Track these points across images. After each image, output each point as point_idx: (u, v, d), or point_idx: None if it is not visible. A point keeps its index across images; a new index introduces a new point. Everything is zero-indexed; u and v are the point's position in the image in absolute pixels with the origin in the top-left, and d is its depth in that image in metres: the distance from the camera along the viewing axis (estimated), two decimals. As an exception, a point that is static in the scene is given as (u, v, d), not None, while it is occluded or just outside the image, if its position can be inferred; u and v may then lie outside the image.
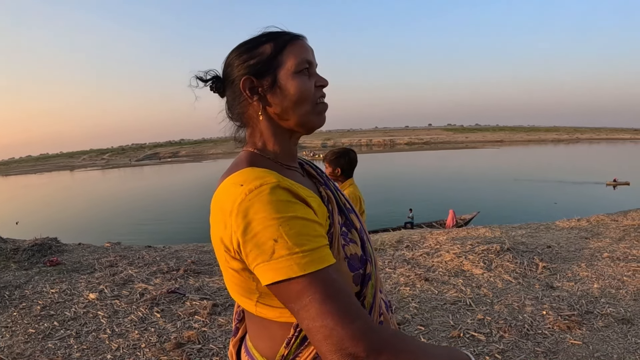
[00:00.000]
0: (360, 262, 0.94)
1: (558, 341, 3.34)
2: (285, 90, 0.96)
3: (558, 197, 26.18)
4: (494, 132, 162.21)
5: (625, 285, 4.45)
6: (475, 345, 3.33)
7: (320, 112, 1.01)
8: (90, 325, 3.94)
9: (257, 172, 0.86)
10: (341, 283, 0.80)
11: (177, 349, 3.42)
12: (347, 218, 1.01)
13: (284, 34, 0.99)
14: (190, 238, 11.91)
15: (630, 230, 6.99)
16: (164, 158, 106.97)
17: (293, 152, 1.05)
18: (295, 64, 0.96)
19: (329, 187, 1.05)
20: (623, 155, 74.46)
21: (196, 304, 4.37)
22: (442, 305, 4.14)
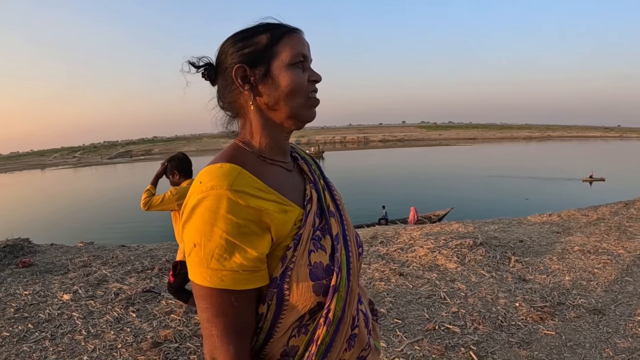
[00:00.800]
0: (325, 272, 0.93)
1: (531, 332, 3.42)
2: (277, 81, 0.96)
3: (530, 193, 26.76)
4: (467, 130, 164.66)
5: (596, 277, 4.58)
6: (451, 337, 3.38)
7: (311, 106, 1.01)
8: (65, 327, 3.87)
9: (220, 171, 0.87)
10: (238, 308, 0.87)
11: (154, 348, 3.39)
12: (326, 222, 1.01)
13: (282, 25, 1.00)
14: (164, 237, 11.77)
15: (601, 224, 7.19)
16: (136, 156, 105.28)
17: (282, 146, 1.04)
18: (290, 56, 0.96)
19: (316, 187, 1.06)
20: (594, 152, 76.47)
21: (172, 302, 4.34)
22: (417, 299, 4.18)
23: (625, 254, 5.36)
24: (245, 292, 0.87)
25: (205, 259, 0.83)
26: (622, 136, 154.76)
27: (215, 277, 0.84)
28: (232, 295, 0.86)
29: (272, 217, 0.88)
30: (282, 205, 0.92)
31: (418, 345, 3.27)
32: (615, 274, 4.65)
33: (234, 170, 0.88)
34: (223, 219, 0.82)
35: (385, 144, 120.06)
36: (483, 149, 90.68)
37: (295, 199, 0.98)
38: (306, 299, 0.91)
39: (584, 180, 32.28)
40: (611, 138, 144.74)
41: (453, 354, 3.13)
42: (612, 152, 77.53)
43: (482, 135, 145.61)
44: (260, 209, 0.86)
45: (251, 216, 0.85)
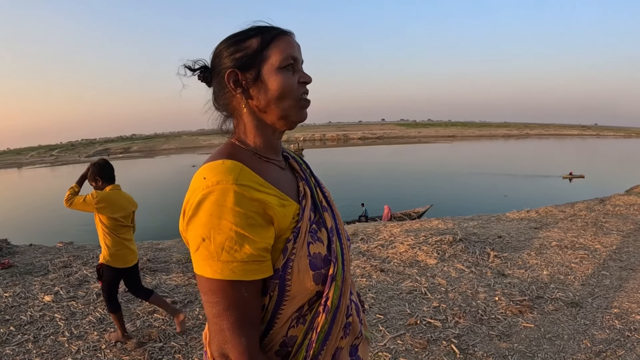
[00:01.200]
0: (324, 262, 0.98)
1: (511, 325, 3.50)
2: (267, 84, 0.98)
3: (509, 190, 27.11)
4: (446, 128, 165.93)
5: (573, 272, 4.69)
6: (432, 331, 3.43)
7: (301, 107, 1.04)
8: (47, 329, 3.81)
9: (222, 167, 0.90)
10: (248, 299, 0.90)
11: (139, 348, 3.37)
12: (320, 216, 1.06)
13: (272, 29, 1.02)
14: (143, 236, 11.66)
15: (577, 220, 7.36)
16: (114, 154, 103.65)
17: (275, 146, 1.08)
18: (279, 59, 0.98)
19: (309, 183, 1.10)
20: (572, 150, 77.80)
21: None
22: (398, 295, 4.24)
23: (602, 249, 5.50)
24: (254, 283, 0.90)
25: (216, 252, 0.86)
26: (599, 134, 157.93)
27: (226, 269, 0.86)
28: (243, 286, 0.88)
29: (275, 210, 0.91)
30: (281, 200, 0.95)
31: (401, 339, 3.32)
32: (592, 268, 4.78)
33: (237, 166, 0.91)
34: (231, 212, 0.85)
35: (364, 141, 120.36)
36: (462, 146, 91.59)
37: (291, 194, 1.01)
38: (307, 288, 0.95)
39: (563, 178, 32.87)
40: (588, 136, 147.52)
41: (435, 347, 3.18)
42: (589, 149, 79.03)
43: (461, 133, 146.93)
44: (264, 202, 0.89)
45: (256, 208, 0.88)
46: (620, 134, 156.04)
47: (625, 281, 4.39)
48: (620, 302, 3.89)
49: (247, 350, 0.89)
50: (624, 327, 3.41)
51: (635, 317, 3.59)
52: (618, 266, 4.84)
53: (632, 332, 3.33)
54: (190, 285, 4.75)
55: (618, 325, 3.45)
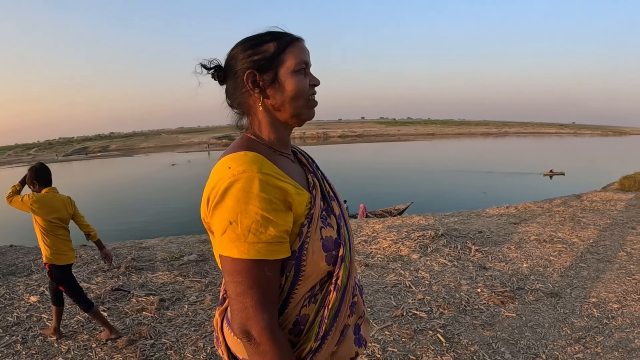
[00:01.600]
0: (334, 245, 1.09)
1: (494, 314, 3.63)
2: (283, 86, 1.08)
3: (489, 187, 27.47)
4: (426, 126, 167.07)
5: (552, 264, 4.85)
6: (418, 322, 3.54)
7: (311, 106, 1.15)
8: (35, 329, 3.79)
9: (246, 158, 0.99)
10: (270, 278, 0.98)
11: (130, 345, 3.39)
12: (328, 204, 1.16)
13: (286, 35, 1.12)
14: (125, 235, 11.61)
15: (555, 215, 7.56)
16: (92, 152, 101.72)
17: (286, 141, 1.18)
18: (294, 63, 1.08)
19: (316, 176, 1.20)
20: (551, 147, 79.06)
21: (142, 300, 4.32)
22: (383, 288, 4.34)
23: (579, 242, 5.69)
24: (276, 263, 0.99)
25: (243, 234, 0.94)
26: (577, 132, 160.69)
27: (252, 249, 0.95)
28: (266, 266, 0.97)
29: (293, 197, 1.00)
30: (297, 189, 1.04)
31: (388, 330, 3.42)
32: (570, 261, 4.95)
33: (259, 157, 1.00)
34: (257, 198, 0.94)
35: (344, 139, 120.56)
36: (442, 144, 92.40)
37: (302, 185, 1.10)
38: (320, 268, 1.06)
39: (544, 175, 33.45)
40: (566, 134, 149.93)
41: (422, 337, 3.29)
42: (568, 147, 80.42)
43: (440, 131, 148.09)
44: (285, 190, 0.98)
45: (278, 195, 0.97)
46: (597, 132, 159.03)
47: (602, 272, 4.56)
48: (597, 292, 4.05)
49: (269, 326, 0.97)
50: (602, 315, 3.57)
51: (612, 305, 3.75)
52: (595, 258, 5.02)
53: (610, 319, 3.48)
54: (177, 283, 4.78)
55: (596, 313, 3.61)
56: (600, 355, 2.97)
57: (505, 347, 3.10)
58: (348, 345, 1.17)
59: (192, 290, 4.54)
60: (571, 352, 3.02)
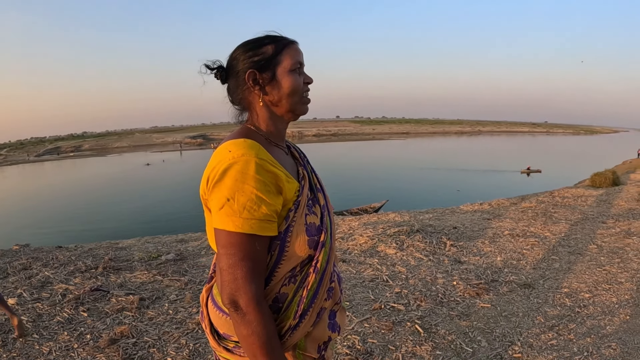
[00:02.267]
0: (317, 231, 1.21)
1: (469, 305, 3.73)
2: (281, 83, 1.22)
3: (464, 184, 27.92)
4: (400, 124, 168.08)
5: (525, 257, 5.00)
6: (396, 314, 3.62)
7: (305, 102, 1.28)
8: (15, 332, 3.72)
9: (245, 144, 1.11)
10: (259, 253, 1.10)
11: (112, 345, 3.37)
12: (315, 195, 1.28)
13: (283, 38, 1.25)
14: (100, 236, 11.48)
15: (528, 211, 7.76)
16: (65, 152, 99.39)
17: (282, 134, 1.31)
18: (290, 63, 1.22)
19: (306, 169, 1.32)
20: (526, 146, 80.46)
21: (122, 299, 4.29)
22: (361, 283, 4.41)
23: (551, 236, 5.86)
24: (265, 239, 1.12)
25: (239, 210, 1.06)
26: (549, 131, 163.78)
27: (246, 224, 1.07)
28: (257, 241, 1.09)
29: (284, 183, 1.12)
30: (287, 176, 1.16)
31: (367, 323, 3.49)
32: (543, 254, 5.10)
33: (256, 144, 1.12)
34: (253, 179, 1.06)
35: (319, 138, 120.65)
36: (416, 143, 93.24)
37: (293, 175, 1.22)
38: (301, 251, 1.18)
39: (522, 172, 34.11)
40: (538, 133, 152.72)
41: (400, 328, 3.37)
42: (543, 146, 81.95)
43: (415, 130, 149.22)
44: (277, 175, 1.11)
45: (271, 178, 1.10)
46: (570, 131, 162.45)
47: (573, 264, 4.72)
48: (569, 283, 4.20)
49: (256, 297, 1.08)
50: (574, 304, 3.70)
51: (584, 295, 3.90)
52: (567, 251, 5.19)
53: (582, 308, 3.62)
54: (156, 282, 4.77)
55: (568, 302, 3.74)
56: (573, 342, 3.09)
57: (481, 335, 3.20)
58: (322, 328, 1.28)
59: (172, 288, 4.54)
60: (545, 339, 3.14)
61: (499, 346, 3.05)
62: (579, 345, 3.04)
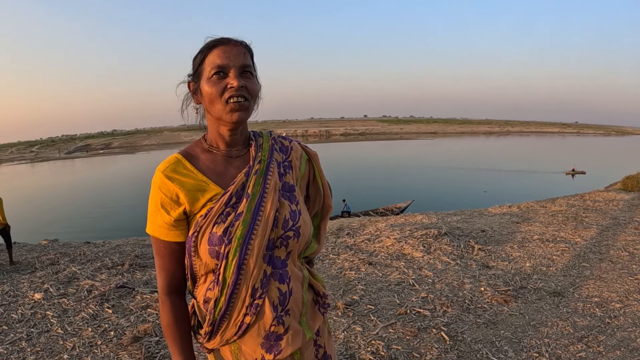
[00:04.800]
0: (219, 241, 1.15)
1: (497, 313, 3.66)
2: (202, 92, 1.20)
3: (498, 184, 27.47)
4: (428, 124, 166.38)
5: (554, 264, 4.88)
6: (422, 320, 3.58)
7: (231, 110, 1.17)
8: (40, 326, 3.82)
9: (167, 159, 1.22)
10: (164, 252, 1.21)
11: (135, 342, 3.41)
12: (238, 201, 1.19)
13: (207, 45, 1.20)
14: (129, 233, 11.63)
15: (558, 215, 7.60)
16: (93, 150, 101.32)
17: (226, 139, 1.26)
18: (208, 70, 1.17)
19: (248, 172, 1.24)
20: (564, 147, 78.81)
21: (147, 297, 4.36)
22: (387, 287, 4.38)
23: (582, 242, 5.72)
24: (167, 243, 1.20)
25: (148, 214, 1.21)
26: (579, 132, 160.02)
27: (149, 228, 1.21)
28: (160, 243, 1.20)
29: (186, 194, 1.17)
30: (202, 183, 1.20)
31: (392, 328, 3.46)
32: (573, 260, 4.98)
33: (174, 159, 1.22)
34: (155, 191, 1.19)
35: (347, 137, 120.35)
36: (445, 142, 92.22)
37: (222, 181, 1.22)
38: (205, 258, 1.17)
39: (567, 174, 33.47)
40: (568, 134, 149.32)
41: (425, 335, 3.32)
42: (579, 147, 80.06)
43: (442, 130, 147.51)
44: (176, 190, 1.17)
45: (169, 193, 1.17)
46: (600, 132, 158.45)
47: (604, 272, 4.59)
48: (600, 292, 4.08)
49: (161, 287, 1.24)
50: (604, 315, 3.59)
51: (614, 305, 3.78)
52: (597, 258, 5.05)
53: (612, 319, 3.51)
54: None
55: (598, 313, 3.64)
56: (603, 354, 3.00)
57: (508, 345, 3.13)
58: (252, 345, 1.21)
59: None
60: (574, 350, 3.05)
61: (526, 357, 2.98)
62: (608, 358, 2.95)
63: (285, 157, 1.34)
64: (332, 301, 4.04)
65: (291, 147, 1.37)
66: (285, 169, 1.32)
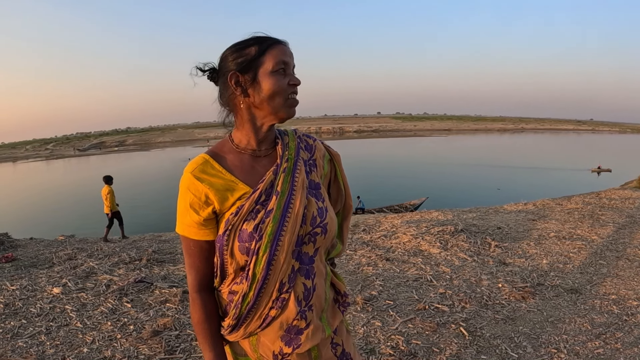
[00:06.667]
0: (249, 238, 1.16)
1: (515, 309, 3.67)
2: (261, 85, 1.19)
3: (507, 182, 27.25)
4: (442, 121, 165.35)
5: (571, 261, 4.87)
6: (441, 315, 3.61)
7: (290, 105, 1.23)
8: (59, 320, 3.86)
9: (195, 159, 1.23)
10: (194, 252, 1.24)
11: (155, 336, 3.43)
12: (267, 198, 1.21)
13: (268, 39, 1.21)
14: (144, 228, 11.77)
15: (574, 212, 7.54)
16: (107, 147, 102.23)
17: (260, 137, 1.28)
18: (272, 64, 1.18)
19: (277, 170, 1.25)
20: (574, 144, 77.81)
21: (165, 292, 4.40)
22: (405, 282, 4.40)
23: (598, 240, 5.68)
24: (197, 242, 1.23)
25: (177, 214, 1.24)
26: (595, 129, 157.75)
27: (179, 227, 1.24)
28: (190, 242, 1.23)
29: (215, 194, 1.19)
30: (231, 183, 1.21)
31: (411, 323, 3.49)
32: (590, 258, 4.96)
33: (202, 159, 1.23)
34: (185, 191, 1.21)
35: (360, 134, 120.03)
36: (457, 140, 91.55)
37: (250, 179, 1.24)
38: (236, 255, 1.19)
39: (592, 171, 33.22)
40: (583, 131, 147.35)
41: (445, 330, 3.35)
42: (598, 144, 78.97)
43: (456, 127, 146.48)
44: (205, 191, 1.19)
45: (198, 194, 1.19)
46: (616, 130, 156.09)
47: (621, 270, 4.57)
48: (617, 289, 4.06)
49: (191, 285, 1.27)
50: (621, 312, 3.58)
51: (631, 302, 3.76)
52: (614, 256, 5.02)
53: (630, 316, 3.50)
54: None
55: (616, 310, 3.63)
56: (620, 351, 3.00)
57: (527, 341, 3.15)
58: (272, 337, 1.23)
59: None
60: (592, 347, 3.06)
61: (545, 353, 2.99)
62: (626, 355, 2.94)
63: (310, 155, 1.36)
64: (351, 296, 4.07)
65: (315, 146, 1.39)
66: (311, 167, 1.34)
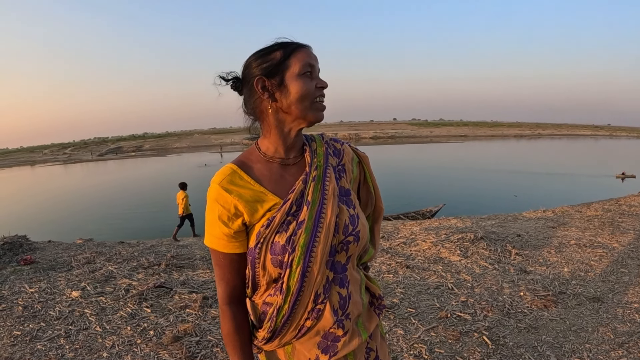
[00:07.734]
0: (281, 250, 1.14)
1: (537, 318, 3.67)
2: (289, 88, 1.17)
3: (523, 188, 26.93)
4: (458, 127, 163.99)
5: (593, 269, 4.84)
6: (463, 324, 3.62)
7: (318, 109, 1.21)
8: (78, 324, 3.87)
9: (222, 170, 1.21)
10: (224, 265, 1.23)
11: (175, 342, 3.44)
12: (298, 209, 1.19)
13: (292, 43, 1.20)
14: (163, 233, 11.86)
15: (594, 220, 7.47)
16: (124, 152, 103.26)
17: (288, 143, 1.25)
18: (299, 67, 1.17)
19: (306, 179, 1.23)
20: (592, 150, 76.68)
21: (185, 297, 4.43)
22: (426, 290, 4.42)
23: (620, 247, 5.63)
24: (226, 255, 1.22)
25: (206, 226, 1.24)
26: (612, 134, 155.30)
27: (207, 239, 1.23)
28: (220, 254, 1.22)
29: (245, 205, 1.17)
30: (260, 194, 1.19)
31: (434, 331, 3.51)
32: (611, 266, 4.92)
33: (229, 170, 1.21)
34: (211, 203, 1.19)
35: (376, 140, 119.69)
36: (474, 146, 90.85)
37: (280, 189, 1.22)
38: (269, 268, 1.18)
39: (617, 177, 32.84)
40: (601, 136, 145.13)
41: (467, 338, 3.36)
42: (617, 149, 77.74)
43: (472, 133, 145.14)
44: (234, 202, 1.17)
45: (227, 205, 1.18)
46: (633, 134, 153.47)
47: (644, 278, 4.53)
48: (639, 298, 4.05)
49: (221, 297, 1.26)
50: (644, 321, 3.57)
51: (655, 311, 3.74)
52: (636, 264, 4.97)
53: (653, 325, 3.48)
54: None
55: (638, 318, 3.60)
56: (645, 360, 2.99)
57: (550, 350, 3.15)
58: (309, 345, 1.23)
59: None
60: (615, 356, 3.05)
61: (569, 361, 3.00)
62: (652, 364, 2.95)
63: (338, 160, 1.33)
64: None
65: (343, 150, 1.36)
66: (340, 173, 1.31)
